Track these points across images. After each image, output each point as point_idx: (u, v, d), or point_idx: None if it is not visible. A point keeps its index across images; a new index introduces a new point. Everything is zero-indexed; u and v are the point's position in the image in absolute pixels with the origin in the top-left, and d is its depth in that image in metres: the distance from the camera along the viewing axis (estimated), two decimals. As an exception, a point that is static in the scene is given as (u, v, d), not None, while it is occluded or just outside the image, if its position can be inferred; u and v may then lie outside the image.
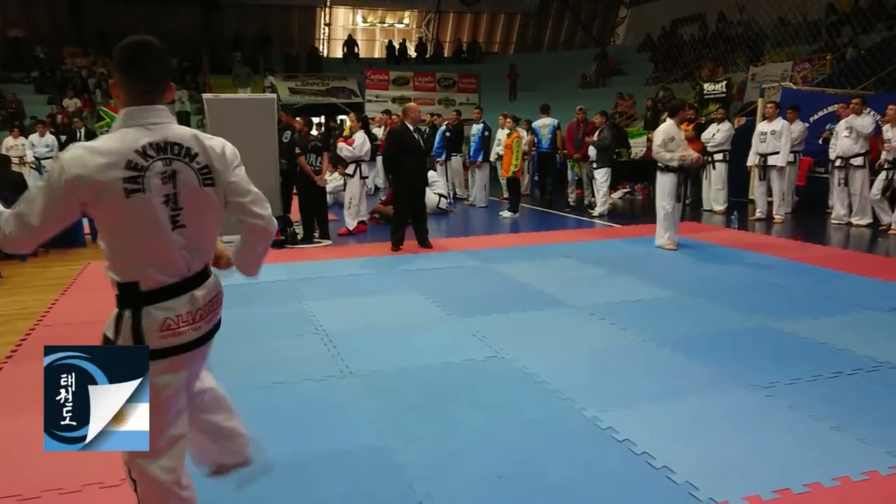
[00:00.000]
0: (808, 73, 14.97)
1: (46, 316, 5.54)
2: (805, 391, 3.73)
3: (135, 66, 2.01)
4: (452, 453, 3.11)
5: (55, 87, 21.27)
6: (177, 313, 2.02)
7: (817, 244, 8.12)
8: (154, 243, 1.97)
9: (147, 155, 1.93)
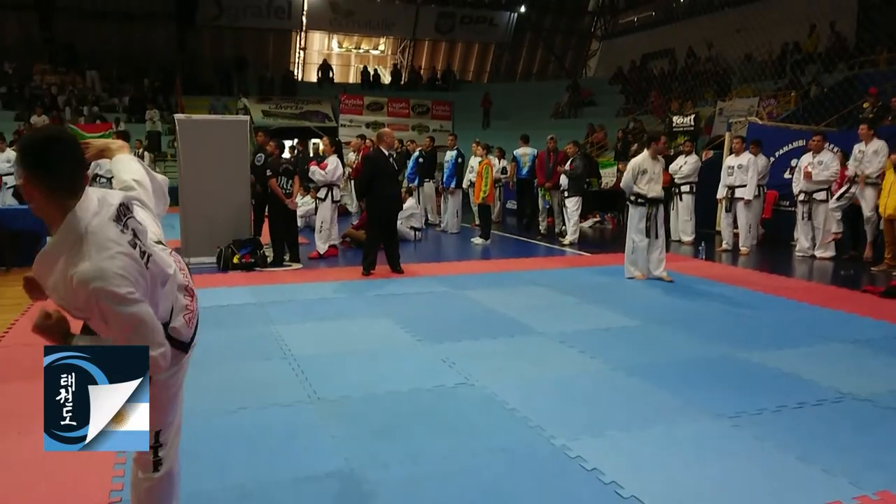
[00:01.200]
0: (774, 109, 15.35)
1: (5, 337, 5.40)
2: (770, 421, 3.77)
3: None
4: (420, 480, 3.07)
5: (23, 104, 20.97)
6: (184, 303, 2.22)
7: (782, 275, 8.27)
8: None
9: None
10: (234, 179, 8.69)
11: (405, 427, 3.67)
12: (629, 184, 7.75)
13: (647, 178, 7.60)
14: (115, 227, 1.90)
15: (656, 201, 7.65)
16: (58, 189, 1.87)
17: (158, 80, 23.77)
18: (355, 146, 13.99)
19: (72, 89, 22.35)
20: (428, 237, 11.93)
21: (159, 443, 2.34)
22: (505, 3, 28.76)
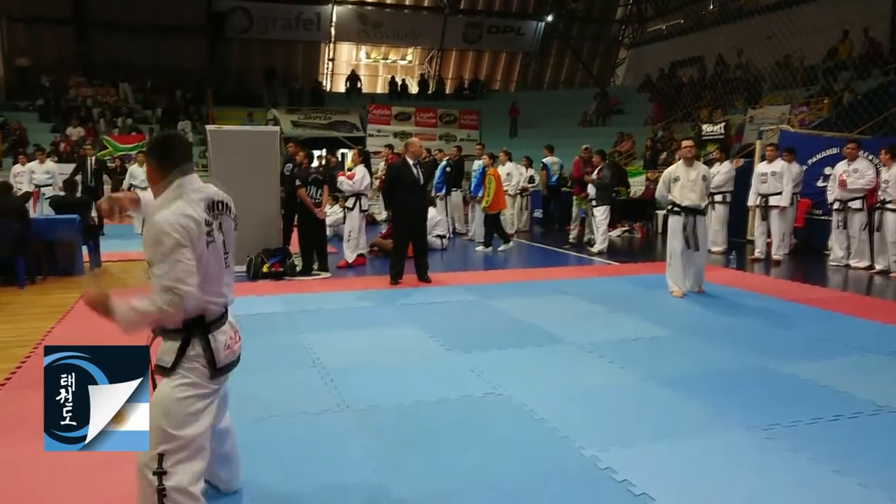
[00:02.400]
0: (806, 117, 15.13)
1: (41, 344, 5.50)
2: (805, 434, 3.70)
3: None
4: (448, 492, 3.07)
5: (59, 116, 21.44)
6: (231, 332, 2.54)
7: (816, 285, 8.12)
8: (214, 276, 2.46)
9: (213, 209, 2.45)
10: (265, 189, 8.78)
11: (433, 437, 3.66)
12: (662, 193, 7.61)
13: (679, 186, 7.33)
14: (201, 204, 2.40)
15: (693, 210, 7.32)
16: (167, 172, 2.44)
17: (190, 91, 24.15)
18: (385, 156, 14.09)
19: (106, 101, 22.79)
20: (455, 246, 11.93)
21: (162, 469, 2.30)
22: (532, 13, 28.75)
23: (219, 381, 2.49)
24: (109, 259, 9.71)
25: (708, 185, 7.52)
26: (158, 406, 2.33)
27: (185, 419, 2.34)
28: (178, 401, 2.35)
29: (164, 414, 2.33)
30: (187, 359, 2.40)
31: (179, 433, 2.33)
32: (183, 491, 2.30)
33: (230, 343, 2.52)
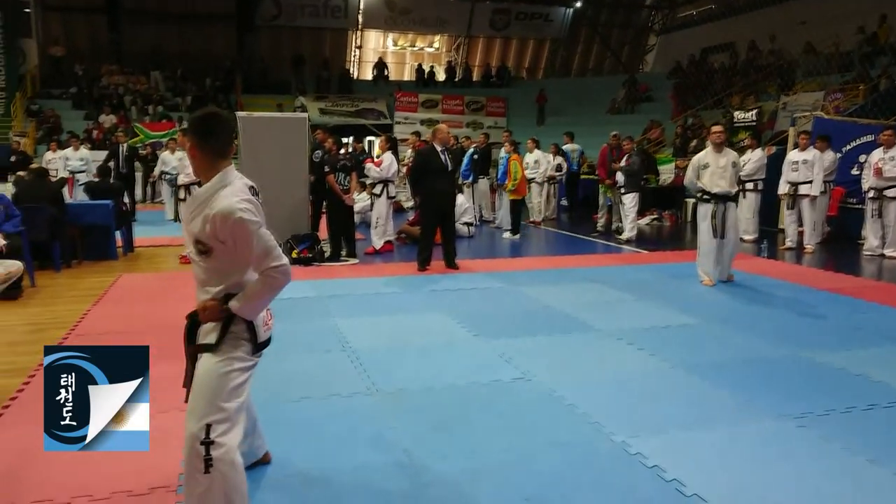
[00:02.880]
0: (841, 103, 14.82)
1: (78, 326, 5.62)
2: (839, 423, 3.66)
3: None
4: (479, 473, 3.09)
5: (92, 104, 21.75)
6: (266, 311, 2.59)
7: (850, 275, 8.00)
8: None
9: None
10: (293, 175, 8.86)
11: (463, 420, 3.69)
12: (691, 179, 7.51)
13: (709, 173, 7.22)
14: (248, 190, 2.48)
15: (723, 198, 7.20)
16: (212, 152, 2.47)
17: (219, 79, 24.34)
18: (412, 143, 14.11)
19: (137, 89, 23.07)
20: (482, 233, 11.93)
21: (210, 439, 2.37)
22: (561, -1, 28.53)
23: (258, 355, 2.57)
24: (141, 244, 9.87)
25: (738, 172, 7.42)
26: (205, 381, 2.43)
27: (230, 392, 2.42)
28: (223, 375, 2.43)
29: (211, 388, 2.41)
30: (231, 336, 2.47)
31: (225, 405, 2.41)
32: (228, 460, 2.38)
33: (267, 320, 2.61)
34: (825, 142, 10.11)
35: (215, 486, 2.36)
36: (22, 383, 4.27)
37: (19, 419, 3.71)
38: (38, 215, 7.68)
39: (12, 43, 21.38)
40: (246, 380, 2.51)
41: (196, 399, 2.42)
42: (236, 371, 2.45)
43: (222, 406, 2.40)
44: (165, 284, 7.37)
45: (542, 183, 13.16)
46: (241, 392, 2.47)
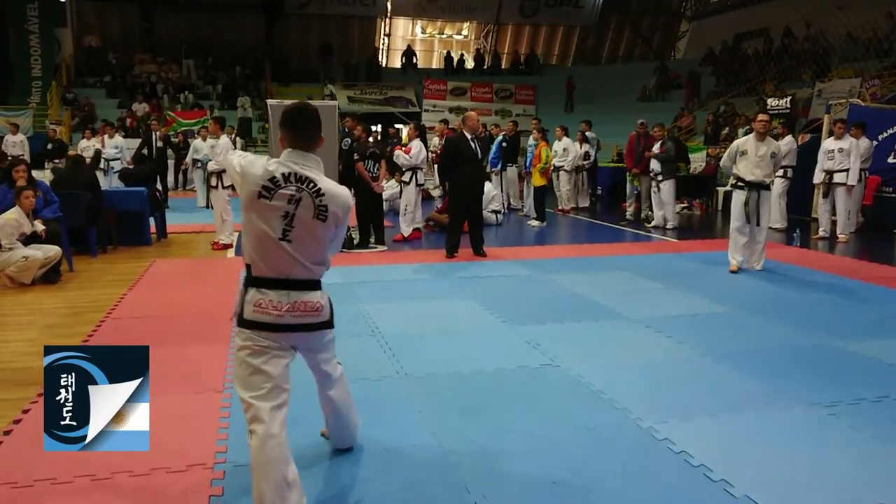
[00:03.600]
0: (878, 90, 14.51)
1: (115, 309, 5.75)
2: (869, 412, 3.63)
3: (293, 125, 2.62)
4: (506, 456, 3.13)
5: (125, 92, 22.10)
6: (268, 298, 2.53)
7: (884, 264, 7.87)
8: (263, 242, 2.51)
9: (286, 179, 2.51)
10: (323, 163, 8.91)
11: (491, 405, 3.73)
12: (727, 164, 7.47)
13: (746, 160, 7.17)
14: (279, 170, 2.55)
15: (757, 185, 7.14)
16: (299, 143, 2.60)
17: (249, 67, 24.55)
18: (439, 131, 14.13)
19: (169, 78, 23.37)
20: (510, 221, 11.94)
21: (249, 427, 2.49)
22: (591, -15, 28.22)
23: (261, 335, 2.52)
24: (174, 231, 10.04)
25: (777, 163, 7.37)
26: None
27: (243, 381, 2.54)
28: (238, 363, 2.56)
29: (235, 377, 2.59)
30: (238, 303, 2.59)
31: (243, 395, 2.52)
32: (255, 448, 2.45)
33: (264, 304, 2.52)
34: (860, 129, 9.92)
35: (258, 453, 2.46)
36: (62, 364, 4.38)
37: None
38: (76, 202, 7.85)
39: (48, 32, 21.80)
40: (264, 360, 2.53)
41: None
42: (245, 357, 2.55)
43: (241, 397, 2.53)
44: (199, 270, 7.51)
45: (570, 171, 13.09)
46: (258, 373, 2.52)
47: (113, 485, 2.84)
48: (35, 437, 3.28)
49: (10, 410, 3.60)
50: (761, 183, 7.16)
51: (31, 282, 6.61)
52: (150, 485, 2.85)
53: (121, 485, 2.84)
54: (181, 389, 3.89)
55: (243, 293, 2.55)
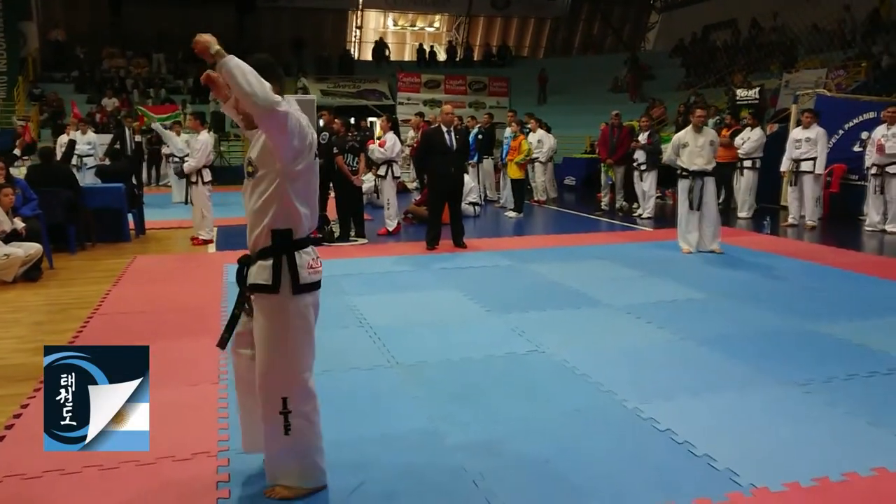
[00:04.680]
0: (843, 81, 14.89)
1: (102, 305, 5.77)
2: (841, 389, 3.82)
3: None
4: (500, 438, 3.26)
5: (94, 87, 21.78)
6: (313, 257, 2.67)
7: (851, 250, 8.14)
8: (312, 201, 2.66)
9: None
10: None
11: (481, 390, 3.85)
12: (671, 157, 7.93)
13: (688, 151, 7.69)
14: None
15: (700, 174, 7.67)
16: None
17: (220, 61, 24.32)
18: (414, 124, 14.21)
19: (139, 72, 23.08)
20: (487, 213, 12.07)
21: (287, 409, 2.59)
22: (562, -23, 28.42)
23: (314, 296, 2.81)
24: (152, 227, 10.01)
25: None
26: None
27: (303, 351, 2.78)
28: (303, 332, 2.78)
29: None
30: (283, 273, 2.67)
31: (299, 372, 2.75)
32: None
33: (315, 265, 2.76)
34: (815, 116, 10.06)
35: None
36: (54, 359, 4.41)
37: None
38: (54, 199, 7.81)
39: (12, 26, 21.36)
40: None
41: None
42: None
43: (298, 372, 2.72)
44: (180, 266, 7.53)
45: (545, 162, 13.25)
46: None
47: (120, 474, 2.91)
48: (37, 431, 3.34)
49: (9, 406, 3.64)
50: (704, 171, 7.69)
51: (12, 280, 6.59)
52: (157, 473, 2.93)
53: (128, 474, 2.91)
54: (178, 382, 3.95)
55: (289, 261, 2.57)
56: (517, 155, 11.30)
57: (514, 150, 11.46)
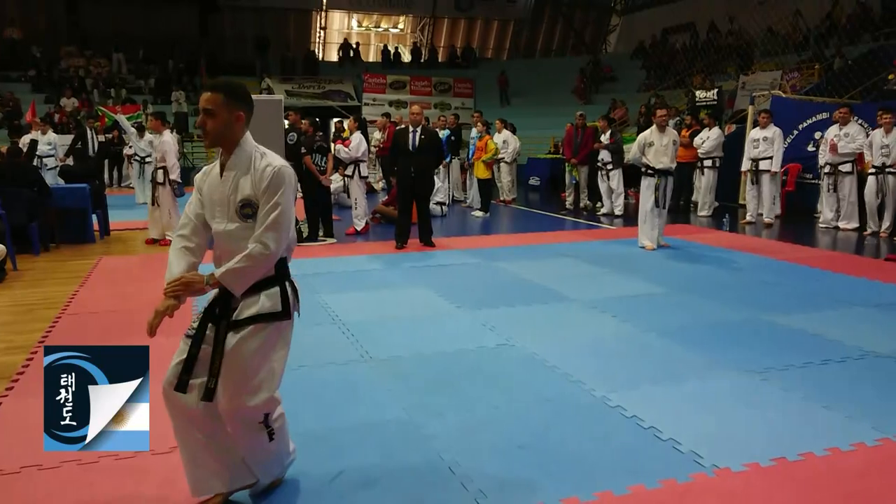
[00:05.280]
0: (797, 82, 15.35)
1: (70, 306, 5.73)
2: (797, 376, 4.01)
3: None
4: (474, 427, 3.36)
5: (52, 87, 21.37)
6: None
7: (807, 246, 8.44)
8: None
9: None
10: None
11: (455, 382, 3.95)
12: (636, 155, 8.16)
13: (653, 150, 7.95)
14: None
15: (664, 172, 7.94)
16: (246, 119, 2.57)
17: (183, 61, 24.07)
18: (381, 125, 14.26)
19: (98, 72, 22.70)
20: (454, 213, 12.18)
21: (268, 421, 2.59)
22: (524, -21, 28.70)
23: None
24: (116, 228, 9.91)
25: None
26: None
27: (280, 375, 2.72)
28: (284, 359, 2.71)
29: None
30: (291, 300, 2.62)
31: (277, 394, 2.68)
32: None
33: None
34: (769, 116, 10.40)
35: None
36: (25, 359, 4.40)
37: (33, 390, 3.85)
38: (17, 199, 7.70)
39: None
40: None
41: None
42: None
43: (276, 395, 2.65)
44: (147, 266, 7.49)
45: (510, 163, 13.41)
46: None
47: (100, 468, 2.94)
48: (13, 427, 3.38)
49: (-19, 405, 3.63)
50: (668, 170, 7.99)
51: (-25, 281, 6.50)
52: (136, 466, 2.96)
53: (108, 468, 2.95)
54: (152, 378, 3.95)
55: (291, 287, 2.61)
56: (483, 154, 11.45)
57: (480, 149, 11.62)
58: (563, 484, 2.82)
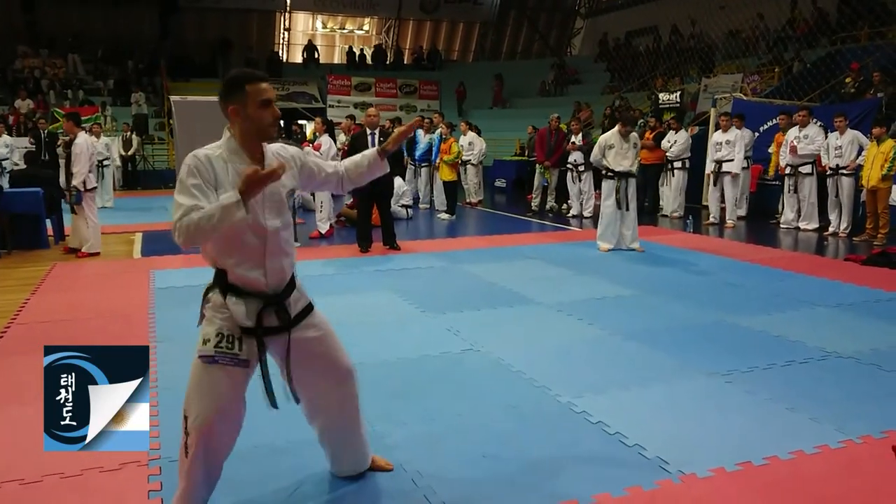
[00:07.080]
0: (758, 85, 15.57)
1: (19, 315, 5.53)
2: (761, 378, 4.01)
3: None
4: (438, 436, 3.29)
5: (6, 88, 20.79)
6: None
7: (768, 247, 8.53)
8: None
9: None
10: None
11: (419, 389, 3.88)
12: (597, 158, 8.15)
13: (614, 153, 7.95)
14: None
15: (625, 175, 7.95)
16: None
17: (143, 62, 23.61)
18: (345, 127, 14.10)
19: (55, 73, 22.14)
20: (420, 215, 12.10)
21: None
22: (489, -19, 28.72)
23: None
24: (72, 233, 9.61)
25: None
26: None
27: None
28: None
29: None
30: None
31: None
32: None
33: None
34: (741, 120, 10.63)
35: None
36: (-30, 371, 4.21)
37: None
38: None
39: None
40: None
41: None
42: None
43: None
44: (103, 272, 7.27)
45: (476, 165, 13.38)
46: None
47: (43, 487, 2.81)
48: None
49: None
50: (629, 172, 7.96)
51: (-80, 290, 6.24)
52: (84, 485, 2.83)
53: (54, 487, 2.81)
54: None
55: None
56: (447, 156, 11.40)
57: (444, 151, 11.57)
58: (527, 494, 2.76)
